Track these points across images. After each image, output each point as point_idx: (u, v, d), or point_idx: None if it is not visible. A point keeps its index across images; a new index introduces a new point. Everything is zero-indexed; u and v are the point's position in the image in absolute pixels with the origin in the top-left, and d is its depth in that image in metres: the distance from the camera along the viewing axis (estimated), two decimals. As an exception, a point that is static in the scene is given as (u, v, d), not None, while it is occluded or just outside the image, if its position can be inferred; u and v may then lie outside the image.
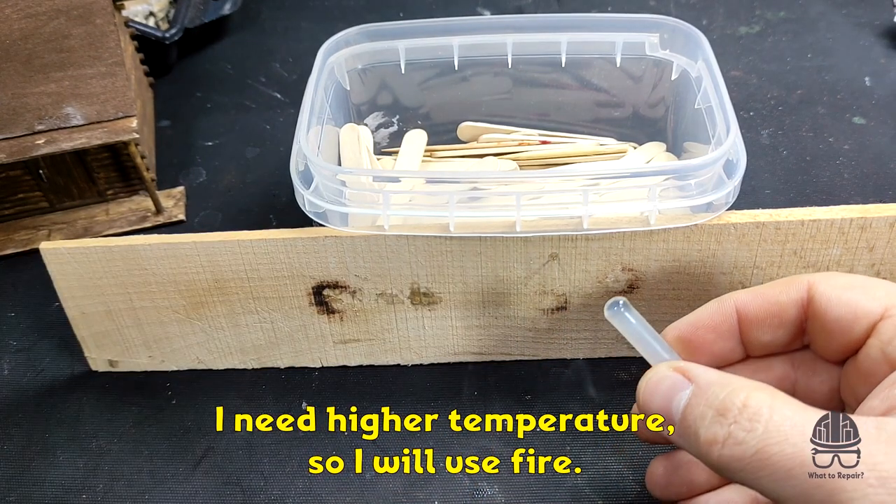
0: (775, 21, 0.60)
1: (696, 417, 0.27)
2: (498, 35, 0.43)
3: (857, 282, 0.29)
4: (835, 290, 0.29)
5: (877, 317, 0.28)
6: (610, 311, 0.32)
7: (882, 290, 0.29)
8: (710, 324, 0.31)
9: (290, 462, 0.37)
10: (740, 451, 0.25)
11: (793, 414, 0.25)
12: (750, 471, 0.25)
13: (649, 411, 0.29)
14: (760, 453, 0.25)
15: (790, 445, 0.24)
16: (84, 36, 0.45)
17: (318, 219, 0.36)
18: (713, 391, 0.27)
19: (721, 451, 0.26)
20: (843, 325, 0.29)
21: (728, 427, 0.26)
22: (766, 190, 0.48)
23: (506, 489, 0.36)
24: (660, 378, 0.28)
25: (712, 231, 0.35)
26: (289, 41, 0.62)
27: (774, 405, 0.26)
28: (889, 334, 0.27)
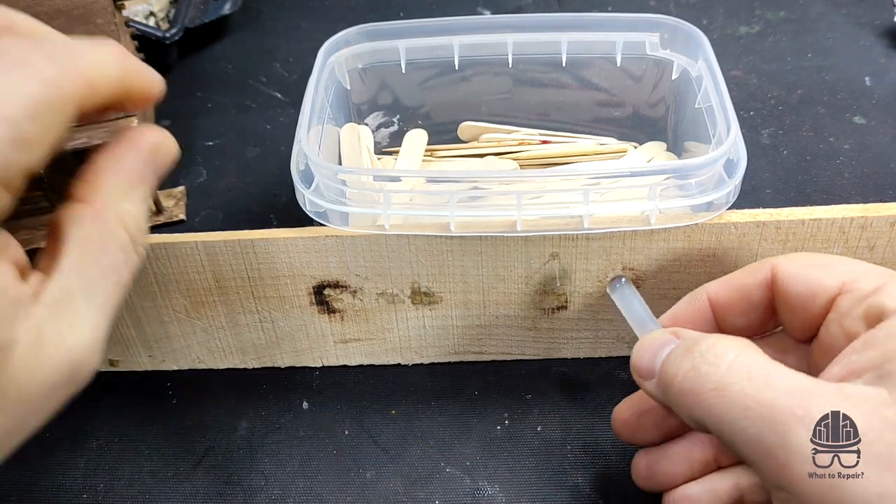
0: (775, 21, 0.60)
1: (670, 361, 0.28)
2: (498, 35, 0.43)
3: (818, 260, 0.31)
4: (795, 268, 0.30)
5: (835, 292, 0.29)
6: (611, 287, 0.35)
7: (840, 266, 0.30)
8: (686, 316, 0.32)
9: (291, 461, 0.37)
10: (699, 383, 0.26)
11: (759, 359, 0.26)
12: (706, 406, 0.26)
13: (639, 369, 0.30)
14: (719, 388, 0.26)
15: (751, 386, 0.25)
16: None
17: (318, 218, 0.36)
18: (693, 339, 0.28)
19: (681, 384, 0.27)
20: (803, 302, 0.30)
21: (693, 360, 0.27)
22: (766, 189, 0.48)
23: (506, 489, 0.36)
24: (652, 338, 0.30)
25: (713, 230, 0.35)
26: (289, 41, 0.62)
27: (743, 350, 0.27)
28: (846, 308, 0.28)
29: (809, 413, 0.24)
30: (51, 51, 0.23)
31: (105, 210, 0.26)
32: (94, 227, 0.25)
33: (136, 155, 0.27)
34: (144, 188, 0.27)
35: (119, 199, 0.26)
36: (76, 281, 0.25)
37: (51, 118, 0.23)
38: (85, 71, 0.24)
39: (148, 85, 0.27)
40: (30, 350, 0.23)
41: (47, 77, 0.22)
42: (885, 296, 0.27)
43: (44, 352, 0.23)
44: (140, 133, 0.27)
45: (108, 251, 0.25)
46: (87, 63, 0.24)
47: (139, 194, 0.27)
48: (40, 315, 0.23)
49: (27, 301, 0.23)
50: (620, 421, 0.34)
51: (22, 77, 0.22)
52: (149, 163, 0.27)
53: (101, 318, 0.25)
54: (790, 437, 0.24)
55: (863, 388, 0.25)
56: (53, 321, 0.24)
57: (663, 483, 0.33)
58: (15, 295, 0.23)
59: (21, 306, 0.23)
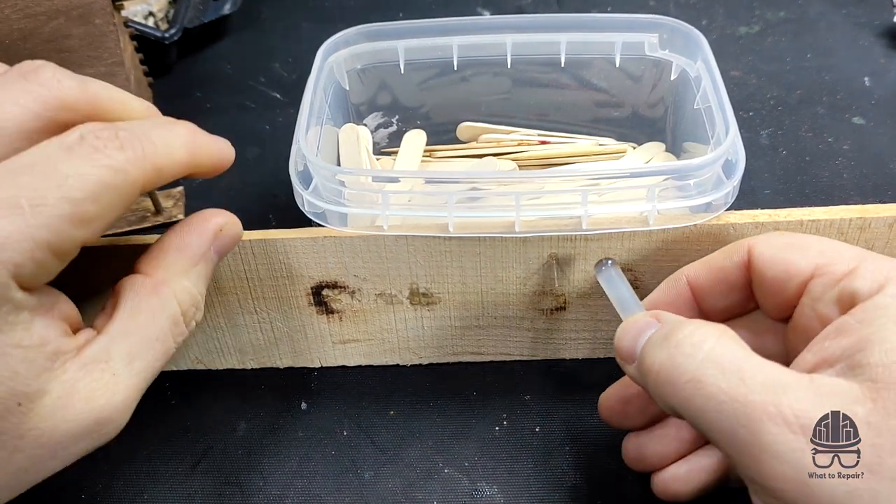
0: (775, 21, 0.60)
1: (649, 347, 0.28)
2: (497, 35, 0.43)
3: (794, 240, 0.31)
4: (770, 250, 0.31)
5: (808, 275, 0.29)
6: (598, 269, 0.35)
7: (814, 248, 0.30)
8: (667, 299, 0.33)
9: (290, 462, 0.37)
10: (676, 375, 0.27)
11: (736, 350, 0.26)
12: (683, 398, 0.26)
13: (620, 351, 0.30)
14: (694, 381, 0.26)
15: (725, 381, 0.25)
16: (83, 36, 0.45)
17: (317, 219, 0.36)
18: (671, 324, 0.28)
19: (658, 374, 0.27)
20: (778, 285, 0.30)
21: (669, 350, 0.27)
22: (765, 190, 0.48)
23: (505, 489, 0.36)
24: (634, 320, 0.30)
25: (711, 231, 0.35)
26: (289, 41, 0.62)
27: (721, 339, 0.27)
28: (818, 292, 0.29)
29: (781, 410, 0.24)
30: (124, 138, 0.25)
31: (163, 284, 0.28)
32: (148, 298, 0.28)
33: (201, 235, 0.30)
34: (206, 266, 0.30)
35: (178, 276, 0.29)
36: (120, 345, 0.27)
37: (111, 200, 0.25)
38: (153, 158, 0.26)
39: (217, 160, 0.30)
40: (58, 401, 0.25)
41: (116, 164, 0.25)
42: (858, 279, 0.28)
43: (71, 405, 0.25)
44: (207, 216, 0.30)
45: (157, 322, 0.28)
46: (157, 149, 0.26)
47: (199, 272, 0.30)
48: (76, 370, 0.25)
49: (66, 355, 0.25)
50: (607, 407, 0.35)
51: (93, 162, 0.24)
52: (212, 243, 0.30)
53: (137, 382, 0.27)
54: (762, 434, 0.24)
55: (835, 381, 0.25)
56: (88, 378, 0.26)
57: (653, 464, 0.33)
58: (53, 349, 0.25)
59: (59, 360, 0.25)
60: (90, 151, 0.25)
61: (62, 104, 0.26)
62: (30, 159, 0.24)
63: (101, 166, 0.25)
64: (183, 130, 0.29)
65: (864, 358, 0.25)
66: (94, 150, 0.25)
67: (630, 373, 0.30)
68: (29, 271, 0.24)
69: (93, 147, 0.25)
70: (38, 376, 0.24)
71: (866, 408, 0.24)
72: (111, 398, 0.26)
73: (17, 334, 0.24)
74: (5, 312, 0.23)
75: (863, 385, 0.25)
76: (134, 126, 0.27)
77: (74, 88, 0.27)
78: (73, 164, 0.24)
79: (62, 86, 0.27)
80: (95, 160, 0.25)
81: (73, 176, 0.24)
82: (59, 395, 0.25)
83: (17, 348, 0.24)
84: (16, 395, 0.24)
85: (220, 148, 0.30)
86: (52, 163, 0.24)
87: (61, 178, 0.24)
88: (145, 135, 0.26)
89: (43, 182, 0.24)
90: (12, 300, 0.24)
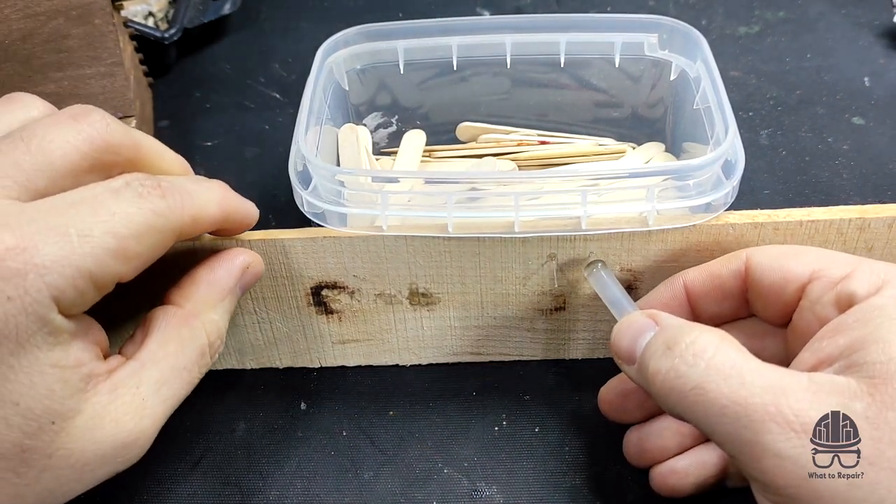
0: (774, 21, 0.60)
1: (650, 353, 0.29)
2: (497, 35, 0.43)
3: (790, 250, 0.32)
4: (768, 259, 0.31)
5: (805, 279, 0.30)
6: (588, 271, 0.35)
7: (811, 255, 0.31)
8: (663, 301, 0.34)
9: (289, 462, 0.37)
10: (680, 384, 0.27)
11: (736, 356, 0.27)
12: (687, 405, 0.27)
13: (618, 352, 0.31)
14: (698, 389, 0.27)
15: (727, 386, 0.26)
16: (83, 36, 0.45)
17: (316, 219, 0.36)
18: (671, 331, 0.29)
19: (663, 383, 0.28)
20: (776, 291, 0.31)
21: (673, 360, 0.28)
22: (764, 190, 0.48)
23: (504, 490, 0.36)
24: (631, 320, 0.31)
25: (711, 231, 0.35)
26: (288, 41, 0.62)
27: (721, 346, 0.27)
28: (816, 294, 0.29)
29: (781, 411, 0.25)
30: (166, 188, 0.28)
31: (193, 316, 0.30)
32: (179, 329, 0.29)
33: (229, 271, 0.32)
34: (231, 301, 0.32)
35: (208, 309, 0.31)
36: (151, 371, 0.28)
37: (152, 240, 0.27)
38: (191, 209, 0.28)
39: (244, 219, 0.33)
40: (89, 422, 0.26)
41: (158, 208, 0.27)
42: (855, 282, 0.28)
43: (101, 427, 0.26)
44: (235, 253, 0.32)
45: (186, 352, 0.29)
46: (195, 202, 0.29)
47: (225, 306, 0.31)
48: (107, 393, 0.26)
49: (99, 378, 0.27)
50: (606, 401, 0.35)
51: (137, 204, 0.26)
52: (239, 280, 0.32)
53: (162, 409, 0.28)
54: (763, 434, 0.25)
55: (833, 379, 0.26)
56: (118, 402, 0.27)
57: (654, 458, 0.34)
58: (88, 371, 0.26)
59: (91, 381, 0.26)
60: (135, 196, 0.26)
61: (108, 146, 0.28)
62: (79, 196, 0.26)
63: (145, 209, 0.26)
64: (217, 188, 0.31)
65: (862, 356, 0.26)
66: (138, 195, 0.27)
67: (630, 374, 0.30)
68: (69, 297, 0.25)
69: (137, 193, 0.27)
70: (72, 396, 0.25)
71: (864, 402, 0.25)
72: (139, 422, 0.27)
73: (55, 354, 0.25)
74: (46, 333, 0.25)
75: (860, 381, 0.25)
76: (174, 179, 0.29)
77: (120, 133, 0.28)
78: (120, 204, 0.26)
79: (110, 129, 0.28)
80: (139, 203, 0.26)
81: (120, 214, 0.26)
82: (90, 416, 0.26)
83: (54, 368, 0.25)
84: (50, 413, 0.25)
85: (248, 209, 0.33)
86: (99, 201, 0.26)
87: (108, 214, 0.26)
88: (184, 188, 0.28)
89: (91, 216, 0.25)
90: (52, 322, 0.25)
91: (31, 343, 0.24)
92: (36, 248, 0.24)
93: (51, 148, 0.26)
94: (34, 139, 0.26)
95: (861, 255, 0.35)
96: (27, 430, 0.24)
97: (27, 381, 0.24)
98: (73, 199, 0.26)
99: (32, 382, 0.24)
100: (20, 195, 0.25)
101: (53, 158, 0.26)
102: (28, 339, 0.24)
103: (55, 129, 0.27)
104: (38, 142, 0.26)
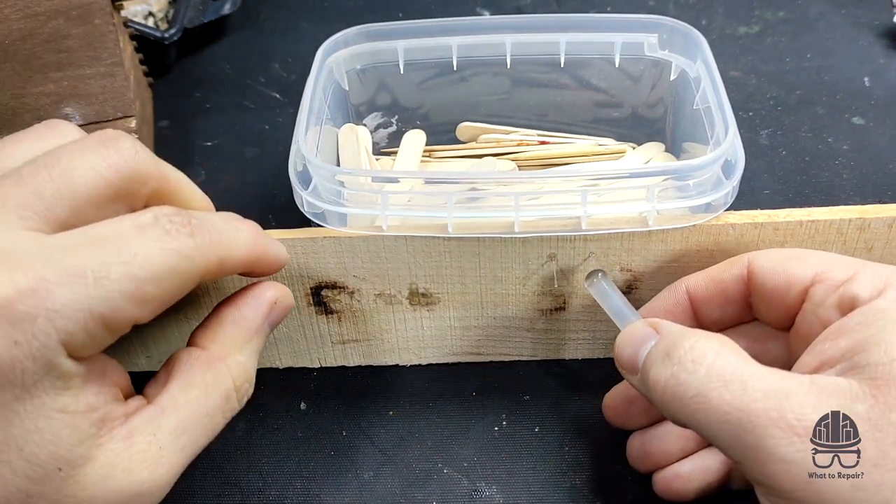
0: (774, 21, 0.60)
1: (651, 361, 0.29)
2: (497, 35, 0.43)
3: (792, 253, 0.32)
4: (771, 263, 0.31)
5: (808, 282, 0.30)
6: (588, 282, 0.35)
7: (813, 258, 0.31)
8: (666, 307, 0.34)
9: (289, 462, 0.37)
10: (681, 391, 0.27)
11: (736, 361, 0.27)
12: (689, 412, 0.27)
13: (621, 362, 0.31)
14: (699, 396, 0.26)
15: (728, 392, 0.26)
16: (83, 36, 0.45)
17: (316, 219, 0.36)
18: (671, 338, 0.29)
19: (664, 391, 0.28)
20: (779, 294, 0.31)
21: (672, 367, 0.27)
22: (764, 190, 0.48)
23: (504, 490, 0.36)
24: (633, 330, 0.31)
25: (711, 231, 0.35)
26: (288, 41, 0.62)
27: (721, 352, 0.27)
28: (819, 297, 0.29)
29: (784, 416, 0.25)
30: (196, 226, 0.26)
31: (218, 360, 0.28)
32: (203, 373, 0.28)
33: (256, 309, 0.30)
34: (259, 340, 0.30)
35: (234, 350, 0.29)
36: (170, 418, 0.26)
37: (173, 284, 0.25)
38: (219, 251, 0.27)
39: (273, 263, 0.30)
40: (100, 470, 0.24)
41: (183, 249, 0.25)
42: (857, 285, 0.28)
43: (113, 476, 0.25)
44: (263, 289, 0.30)
45: (209, 397, 0.27)
46: (223, 243, 0.27)
47: (253, 347, 0.30)
48: (122, 440, 0.25)
49: (114, 422, 0.25)
50: (611, 408, 0.35)
51: (162, 244, 0.25)
52: (267, 316, 0.30)
53: (180, 459, 0.26)
54: (766, 440, 0.25)
55: (835, 381, 0.26)
56: (133, 450, 0.25)
57: (657, 462, 0.34)
58: (101, 416, 0.25)
59: (105, 426, 0.25)
60: (161, 234, 0.25)
61: (136, 175, 0.27)
62: (102, 232, 0.25)
63: (170, 250, 0.25)
64: (247, 228, 0.29)
65: (865, 358, 0.26)
66: (165, 232, 0.25)
67: (633, 383, 0.30)
68: (80, 341, 0.24)
69: (164, 230, 0.25)
70: (82, 443, 0.24)
71: (867, 404, 0.25)
72: (153, 472, 0.25)
73: (63, 399, 0.24)
74: (53, 378, 0.23)
75: (863, 383, 0.25)
76: (204, 216, 0.27)
77: (149, 162, 0.27)
78: (144, 243, 0.24)
79: (139, 157, 0.27)
80: (165, 243, 0.25)
81: (141, 255, 0.24)
82: (102, 464, 0.24)
83: (61, 413, 0.24)
84: (56, 459, 0.24)
85: (277, 253, 0.30)
86: (123, 239, 0.24)
87: (129, 255, 0.24)
88: (214, 227, 0.27)
89: (111, 256, 0.24)
90: (60, 366, 0.23)
91: (38, 388, 0.23)
92: (49, 290, 0.23)
93: (74, 175, 0.25)
94: (57, 166, 0.25)
95: (861, 255, 0.35)
96: (32, 475, 0.23)
97: (32, 426, 0.23)
98: (96, 236, 0.24)
99: (38, 428, 0.23)
100: (40, 226, 0.24)
101: (76, 186, 0.25)
102: (34, 385, 0.23)
103: (80, 155, 0.26)
104: (62, 169, 0.25)
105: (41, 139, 0.28)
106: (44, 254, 0.23)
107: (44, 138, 0.28)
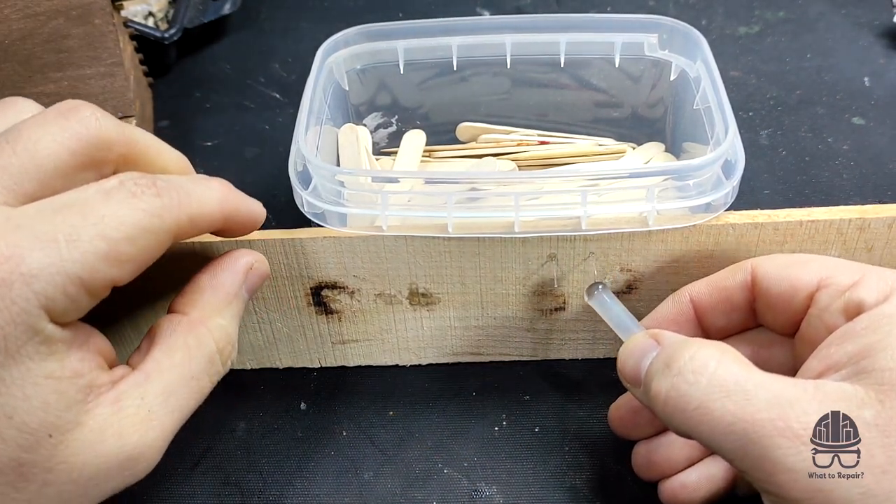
0: (774, 21, 0.60)
1: (652, 373, 0.28)
2: (497, 35, 0.43)
3: (796, 259, 0.32)
4: (775, 269, 0.31)
5: (813, 288, 0.30)
6: (589, 294, 0.35)
7: (817, 263, 0.31)
8: (670, 316, 0.33)
9: (289, 462, 0.37)
10: (683, 402, 0.27)
11: (738, 370, 0.27)
12: (692, 424, 0.27)
13: (624, 375, 0.30)
14: (702, 408, 0.26)
15: (731, 402, 0.26)
16: (83, 36, 0.45)
17: (316, 219, 0.36)
18: (671, 348, 0.28)
19: (665, 403, 0.27)
20: (784, 300, 0.31)
21: (672, 378, 0.27)
22: (764, 190, 0.48)
23: (504, 490, 0.36)
24: (635, 343, 0.30)
25: (711, 231, 0.35)
26: (288, 41, 0.62)
27: (722, 360, 0.27)
28: (825, 302, 0.29)
29: (789, 425, 0.25)
30: (161, 187, 0.26)
31: (199, 323, 0.29)
32: (185, 337, 0.28)
33: (233, 274, 0.30)
34: (238, 305, 0.30)
35: (214, 314, 0.29)
36: (156, 382, 0.27)
37: (146, 243, 0.25)
38: (188, 209, 0.27)
39: (249, 219, 0.31)
40: (90, 435, 0.25)
41: (151, 208, 0.25)
42: (863, 289, 0.28)
43: (103, 440, 0.25)
44: (238, 255, 0.31)
45: (193, 360, 0.28)
46: (191, 201, 0.27)
47: (233, 310, 0.30)
48: (110, 405, 0.25)
49: (101, 388, 0.25)
50: (616, 418, 0.35)
51: (130, 205, 0.25)
52: (244, 282, 0.31)
53: (170, 421, 0.27)
54: (773, 449, 0.25)
55: (840, 386, 0.26)
56: (122, 414, 0.25)
57: (663, 471, 0.33)
58: (87, 382, 0.25)
59: (92, 393, 0.25)
60: (128, 196, 0.25)
61: (99, 142, 0.27)
62: (68, 199, 0.25)
63: (138, 209, 0.25)
64: (217, 186, 0.29)
65: (871, 363, 0.25)
66: (131, 195, 0.25)
67: (637, 396, 0.30)
68: (60, 305, 0.24)
69: (130, 192, 0.25)
70: (70, 408, 0.24)
71: (874, 410, 0.25)
72: (144, 435, 0.26)
73: (48, 365, 0.24)
74: (37, 343, 0.23)
75: (869, 388, 0.25)
76: (171, 178, 0.27)
77: (112, 128, 0.27)
78: (111, 206, 0.25)
79: (100, 124, 0.27)
80: (133, 204, 0.25)
81: (110, 216, 0.24)
82: (91, 429, 0.25)
83: (48, 379, 0.24)
84: (46, 426, 0.24)
85: (252, 208, 0.31)
86: (90, 204, 0.25)
87: (98, 217, 0.24)
88: (181, 187, 0.27)
89: (80, 220, 0.24)
90: (43, 331, 0.24)
91: (23, 354, 0.23)
92: (22, 256, 0.23)
93: (37, 148, 0.25)
94: (20, 140, 0.25)
95: (861, 255, 0.35)
96: (23, 443, 0.23)
97: (20, 393, 0.23)
98: (63, 203, 0.25)
99: (26, 395, 0.23)
100: (8, 200, 0.24)
101: (41, 159, 0.25)
102: (18, 350, 0.23)
103: (42, 128, 0.26)
104: (24, 143, 0.25)
105: (0, 116, 0.28)
106: (12, 223, 0.24)
107: (2, 115, 0.28)
